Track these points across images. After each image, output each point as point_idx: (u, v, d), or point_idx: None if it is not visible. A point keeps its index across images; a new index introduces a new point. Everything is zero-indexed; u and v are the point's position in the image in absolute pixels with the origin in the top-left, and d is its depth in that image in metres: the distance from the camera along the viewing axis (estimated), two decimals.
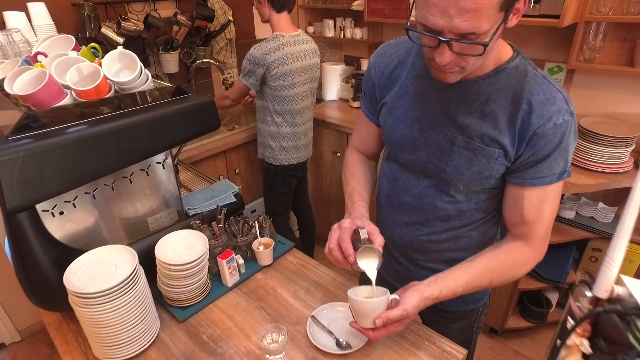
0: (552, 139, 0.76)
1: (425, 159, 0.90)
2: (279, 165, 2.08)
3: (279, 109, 1.95)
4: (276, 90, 1.90)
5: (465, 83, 0.79)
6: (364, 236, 0.81)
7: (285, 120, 1.98)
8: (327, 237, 0.86)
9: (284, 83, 1.89)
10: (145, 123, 0.93)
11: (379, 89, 0.98)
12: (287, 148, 2.05)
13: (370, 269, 0.81)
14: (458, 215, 0.94)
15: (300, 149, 2.10)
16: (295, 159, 2.09)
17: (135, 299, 0.86)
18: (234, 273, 1.12)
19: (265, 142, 2.06)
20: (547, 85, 0.78)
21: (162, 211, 1.10)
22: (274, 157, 2.06)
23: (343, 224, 0.83)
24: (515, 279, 0.88)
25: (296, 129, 2.03)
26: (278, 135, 2.01)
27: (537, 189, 0.81)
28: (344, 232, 0.82)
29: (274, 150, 2.04)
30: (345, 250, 0.80)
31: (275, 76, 1.86)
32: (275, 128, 2.00)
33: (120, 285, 0.82)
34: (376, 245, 0.82)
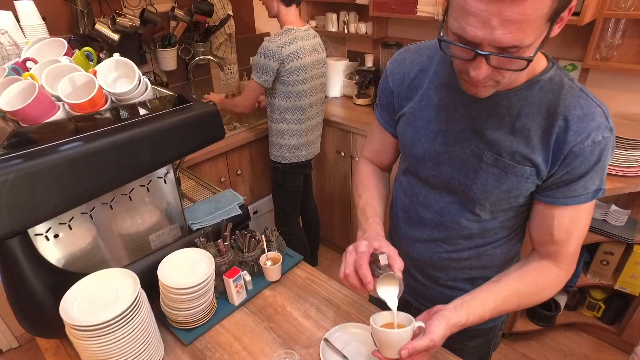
0: (590, 157, 0.70)
1: (449, 175, 0.84)
2: (288, 163, 2.02)
3: (289, 105, 1.89)
4: (289, 85, 1.84)
5: (495, 96, 0.73)
6: (384, 262, 0.75)
7: (295, 117, 1.93)
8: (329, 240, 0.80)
9: (298, 78, 1.83)
10: (145, 136, 0.86)
11: (397, 99, 0.91)
12: (297, 146, 2.00)
13: (390, 297, 0.76)
14: (482, 233, 0.88)
15: (309, 145, 2.06)
16: (304, 157, 2.05)
17: (138, 328, 0.81)
18: (241, 291, 1.06)
19: (274, 141, 2.00)
20: (585, 99, 0.71)
21: (165, 227, 1.03)
22: (282, 156, 2.01)
23: (359, 248, 0.77)
24: (543, 301, 0.83)
25: (305, 125, 1.98)
26: (288, 133, 1.96)
27: (570, 208, 0.76)
28: (361, 256, 0.75)
29: (283, 148, 1.99)
30: (363, 277, 0.74)
31: (290, 70, 1.80)
32: (284, 125, 1.94)
33: (121, 315, 0.77)
34: (395, 270, 0.76)
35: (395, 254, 0.77)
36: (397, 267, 0.76)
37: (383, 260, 0.75)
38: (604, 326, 2.04)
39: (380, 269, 0.75)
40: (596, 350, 2.05)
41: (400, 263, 0.76)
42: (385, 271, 0.74)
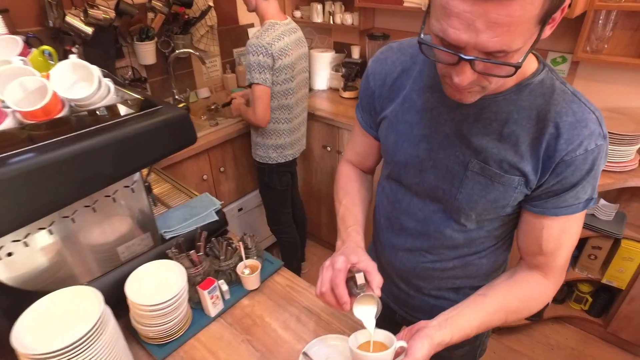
0: (582, 166, 0.66)
1: (433, 183, 0.79)
2: (274, 163, 1.96)
3: (275, 105, 1.81)
4: (276, 85, 1.75)
5: (482, 100, 0.68)
6: (361, 281, 0.71)
7: (282, 117, 1.85)
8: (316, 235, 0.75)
9: (286, 76, 1.75)
10: (108, 145, 0.80)
11: (379, 100, 0.86)
12: (284, 145, 1.93)
13: (368, 318, 0.72)
14: (467, 243, 0.84)
15: (295, 144, 1.99)
16: (291, 155, 1.98)
17: (102, 351, 0.76)
18: (217, 302, 1.02)
19: (259, 141, 1.93)
20: (578, 104, 0.67)
21: (135, 238, 0.98)
22: (268, 156, 1.94)
23: (336, 264, 0.72)
24: (531, 314, 0.79)
25: (291, 125, 1.91)
26: (274, 133, 1.89)
27: (560, 219, 0.72)
28: (337, 274, 0.71)
29: (269, 149, 1.92)
30: (339, 297, 0.70)
31: (279, 70, 1.71)
32: (270, 125, 1.86)
33: (82, 339, 0.72)
34: (374, 287, 0.71)
35: (374, 269, 0.73)
36: (376, 284, 0.71)
37: (360, 279, 0.70)
38: (590, 319, 2.04)
39: (358, 287, 0.71)
40: (582, 342, 2.06)
41: (379, 280, 0.72)
42: (362, 291, 0.70)
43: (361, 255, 0.75)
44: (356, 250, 0.76)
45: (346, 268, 0.72)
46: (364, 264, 0.73)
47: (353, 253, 0.75)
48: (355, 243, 0.81)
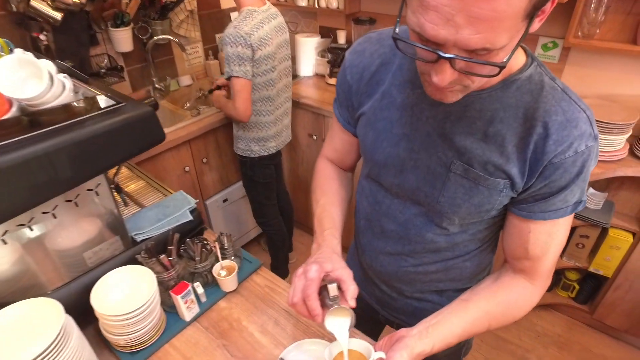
0: (571, 169, 0.62)
1: (414, 185, 0.75)
2: (257, 157, 1.90)
3: (257, 97, 1.73)
4: (257, 77, 1.66)
5: (466, 97, 0.63)
6: (334, 293, 0.67)
7: (263, 109, 1.78)
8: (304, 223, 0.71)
9: (267, 67, 1.67)
10: (64, 147, 0.74)
11: (356, 95, 0.80)
12: (266, 137, 1.86)
13: (340, 330, 0.68)
14: (450, 247, 0.81)
15: (278, 136, 1.92)
16: (274, 148, 1.92)
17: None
18: (192, 306, 0.98)
19: (240, 135, 1.86)
20: (568, 102, 0.62)
21: (102, 243, 0.93)
22: (250, 150, 1.87)
23: (309, 273, 0.68)
24: (515, 320, 0.77)
25: (274, 116, 1.84)
26: (256, 126, 1.82)
27: (547, 223, 0.68)
28: (309, 285, 0.67)
29: (251, 142, 1.85)
30: (311, 310, 0.66)
31: (259, 61, 1.63)
32: (252, 118, 1.79)
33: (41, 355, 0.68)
34: (348, 298, 0.68)
35: (349, 278, 0.69)
36: (350, 294, 0.68)
37: (332, 291, 0.67)
38: (577, 306, 2.05)
39: (331, 299, 0.67)
40: (569, 329, 2.07)
41: (354, 290, 0.68)
42: (335, 302, 0.67)
43: (336, 262, 0.71)
44: (331, 257, 0.73)
45: (319, 277, 0.68)
46: (339, 272, 0.69)
47: (327, 260, 0.71)
48: (330, 248, 0.77)
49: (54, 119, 0.76)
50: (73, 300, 0.88)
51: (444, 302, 0.88)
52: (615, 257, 1.79)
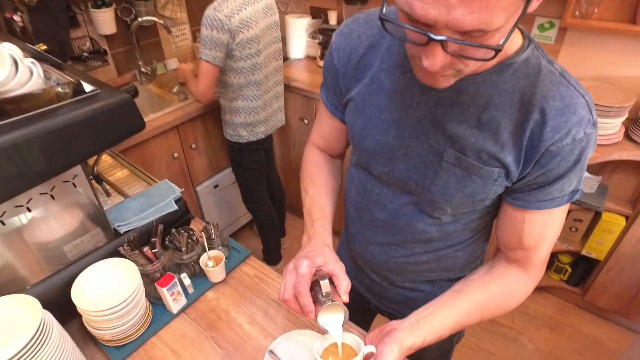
0: (569, 157, 0.60)
1: (405, 174, 0.72)
2: (245, 142, 1.85)
3: (242, 82, 1.68)
4: (240, 61, 1.61)
5: (459, 82, 0.59)
6: (326, 289, 0.65)
7: (250, 94, 1.73)
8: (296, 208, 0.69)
9: (250, 51, 1.61)
10: (34, 138, 0.70)
11: (344, 80, 0.77)
12: (255, 123, 1.81)
13: (334, 326, 0.67)
14: (442, 237, 0.78)
15: (268, 120, 1.87)
16: (263, 133, 1.87)
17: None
18: (179, 298, 0.96)
19: (228, 120, 1.81)
20: (567, 87, 0.59)
21: (83, 235, 0.90)
22: (238, 135, 1.83)
23: (300, 269, 0.65)
24: (508, 311, 0.75)
25: (262, 101, 1.79)
26: (243, 111, 1.77)
27: (542, 213, 0.66)
28: (300, 281, 0.64)
29: (239, 127, 1.81)
30: (303, 306, 0.64)
31: (241, 44, 1.57)
32: (239, 103, 1.74)
33: (17, 355, 0.65)
34: (341, 293, 0.66)
35: (342, 273, 0.67)
36: (343, 289, 0.66)
37: (325, 287, 0.65)
38: (569, 288, 2.06)
39: (323, 295, 0.65)
40: (560, 311, 2.09)
41: (347, 285, 0.67)
42: (328, 299, 0.65)
43: (327, 256, 0.69)
44: (322, 251, 0.70)
45: (310, 273, 0.66)
46: (331, 266, 0.67)
47: (319, 254, 0.69)
48: (322, 240, 0.74)
49: (21, 107, 0.72)
50: (54, 295, 0.86)
51: (436, 292, 0.87)
52: (608, 240, 1.78)
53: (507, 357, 1.88)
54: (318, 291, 0.66)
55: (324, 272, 0.67)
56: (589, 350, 1.90)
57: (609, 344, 1.93)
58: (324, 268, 0.67)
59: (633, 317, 1.91)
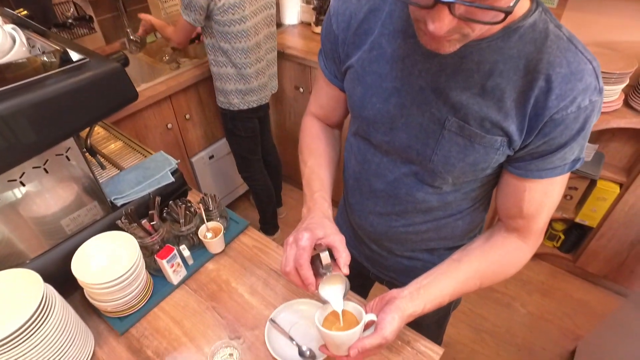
0: (573, 125, 0.59)
1: (405, 143, 0.71)
2: (237, 110, 1.82)
3: (230, 48, 1.63)
4: (225, 26, 1.56)
5: (463, 48, 0.56)
6: (326, 261, 0.65)
7: (240, 61, 1.68)
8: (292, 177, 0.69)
9: (234, 17, 1.55)
10: (22, 110, 0.68)
11: (343, 46, 0.74)
12: (246, 91, 1.77)
13: (335, 298, 0.67)
14: (442, 206, 0.78)
15: (260, 89, 1.83)
16: (255, 102, 1.83)
17: (51, 335, 0.71)
18: (179, 269, 0.97)
19: (218, 86, 1.77)
20: (574, 53, 0.57)
21: (80, 209, 0.89)
22: (229, 102, 1.79)
23: (300, 241, 0.66)
24: (506, 278, 0.76)
25: (254, 69, 1.74)
26: (234, 78, 1.72)
27: (543, 182, 0.66)
28: (301, 254, 0.65)
29: (230, 94, 1.77)
30: (304, 279, 0.65)
31: (223, 9, 1.52)
32: (229, 70, 1.70)
33: (21, 329, 0.66)
34: (341, 265, 0.67)
35: (342, 245, 0.68)
36: (343, 261, 0.67)
37: (325, 259, 0.65)
38: (561, 255, 2.11)
39: (324, 267, 0.66)
40: (552, 276, 2.14)
41: (347, 257, 0.67)
42: (328, 271, 0.65)
43: (328, 228, 0.69)
44: (322, 223, 0.70)
45: (311, 245, 0.66)
46: (331, 238, 0.68)
47: (319, 226, 0.69)
48: (321, 212, 0.74)
49: (5, 78, 0.69)
50: (54, 269, 0.86)
51: (435, 260, 0.88)
52: (602, 207, 1.81)
53: (499, 321, 1.94)
54: (318, 264, 0.67)
55: (325, 244, 0.67)
56: (578, 313, 1.97)
57: (597, 307, 1.99)
58: (324, 240, 0.67)
59: (621, 281, 1.96)
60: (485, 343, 1.86)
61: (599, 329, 1.61)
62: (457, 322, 1.93)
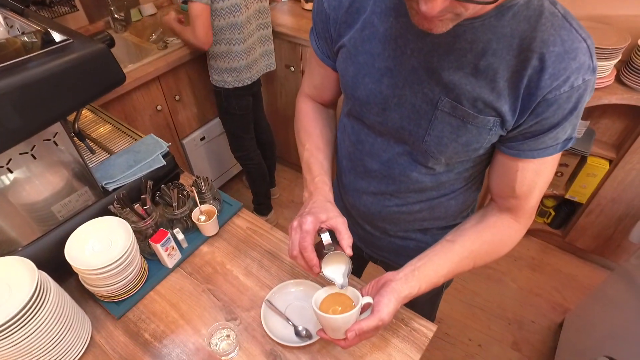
0: (565, 105, 0.58)
1: (398, 124, 0.70)
2: (231, 88, 1.79)
3: (223, 24, 1.59)
4: (218, 1, 1.53)
5: (456, 27, 0.55)
6: (327, 242, 0.66)
7: (232, 37, 1.64)
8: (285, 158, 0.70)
9: None
10: (4, 94, 0.66)
11: (334, 25, 0.72)
12: (239, 68, 1.74)
13: (338, 277, 0.69)
14: (435, 186, 0.79)
15: (253, 65, 1.80)
16: (249, 79, 1.81)
17: (47, 321, 0.71)
18: (174, 253, 0.97)
19: (212, 64, 1.74)
20: (569, 31, 0.56)
21: (71, 195, 0.88)
22: (223, 80, 1.76)
23: (304, 225, 0.67)
24: (499, 257, 0.78)
25: (246, 45, 1.70)
26: (227, 55, 1.69)
27: (535, 161, 0.66)
28: (304, 237, 0.67)
29: (224, 72, 1.74)
30: (308, 260, 0.67)
31: None
32: (222, 47, 1.66)
33: (17, 316, 0.66)
34: (344, 246, 0.68)
35: (344, 227, 0.69)
36: (346, 243, 0.68)
37: (325, 239, 0.67)
38: (551, 231, 2.14)
39: (326, 248, 0.67)
40: (542, 252, 2.19)
41: (349, 239, 0.68)
42: (330, 251, 0.67)
43: (330, 211, 0.71)
44: (325, 207, 0.72)
45: (314, 229, 0.68)
46: (333, 221, 0.69)
47: (322, 210, 0.70)
48: (323, 196, 0.76)
49: None
50: (47, 255, 0.85)
51: (428, 240, 0.89)
52: (591, 184, 1.83)
53: (490, 295, 1.99)
54: (322, 247, 0.68)
55: (327, 226, 0.69)
56: (566, 287, 2.02)
57: (584, 280, 2.05)
58: (327, 223, 0.69)
59: (608, 255, 2.01)
60: (477, 317, 1.91)
61: (586, 301, 1.65)
62: (450, 298, 1.97)
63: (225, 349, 0.80)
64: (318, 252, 0.69)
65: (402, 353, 0.81)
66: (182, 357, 0.83)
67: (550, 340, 1.81)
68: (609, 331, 1.37)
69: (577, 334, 1.61)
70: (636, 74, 1.46)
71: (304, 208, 0.74)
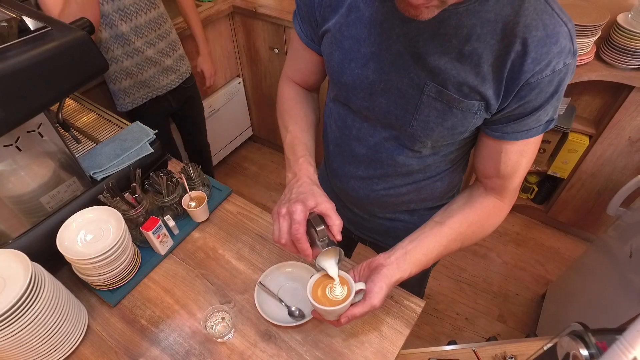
0: (547, 88, 0.60)
1: (385, 109, 0.71)
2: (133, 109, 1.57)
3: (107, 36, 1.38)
4: None
5: (440, 12, 0.56)
6: (320, 229, 0.67)
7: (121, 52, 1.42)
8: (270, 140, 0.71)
9: None
10: None
11: (319, 9, 0.72)
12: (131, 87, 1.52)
13: (330, 266, 0.70)
14: (422, 169, 0.80)
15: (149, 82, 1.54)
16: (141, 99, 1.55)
17: (43, 312, 0.72)
18: (166, 240, 0.98)
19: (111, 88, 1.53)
20: (550, 15, 0.57)
21: (59, 186, 0.87)
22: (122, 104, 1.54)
23: (295, 215, 0.66)
24: (486, 236, 0.80)
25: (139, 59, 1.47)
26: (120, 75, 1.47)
27: (519, 143, 0.68)
28: (297, 228, 0.66)
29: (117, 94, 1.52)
30: (302, 251, 0.67)
31: None
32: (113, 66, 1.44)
33: (13, 308, 0.66)
34: (335, 232, 0.69)
35: (333, 212, 0.69)
36: (336, 229, 0.68)
37: (321, 232, 0.67)
38: (534, 206, 2.21)
39: (320, 239, 0.67)
40: (526, 227, 2.25)
41: (339, 224, 0.69)
42: (323, 239, 0.67)
43: (318, 196, 0.70)
44: (312, 191, 0.71)
45: (305, 218, 0.68)
46: (322, 206, 0.69)
47: (310, 196, 0.69)
48: (308, 177, 0.75)
49: None
50: (38, 247, 0.85)
51: (415, 221, 0.91)
52: (572, 159, 1.88)
53: (477, 271, 2.05)
54: (313, 233, 0.68)
55: (317, 212, 0.68)
56: (548, 259, 2.10)
57: (566, 253, 2.12)
58: (316, 209, 0.68)
59: (587, 228, 2.09)
60: (464, 292, 1.97)
61: (567, 273, 1.72)
62: (438, 275, 2.03)
63: (221, 331, 0.82)
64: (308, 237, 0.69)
65: (393, 329, 0.85)
66: (179, 341, 0.85)
67: (533, 312, 1.89)
68: (587, 300, 1.43)
69: (558, 304, 1.68)
70: (615, 51, 1.49)
71: (289, 191, 0.73)
